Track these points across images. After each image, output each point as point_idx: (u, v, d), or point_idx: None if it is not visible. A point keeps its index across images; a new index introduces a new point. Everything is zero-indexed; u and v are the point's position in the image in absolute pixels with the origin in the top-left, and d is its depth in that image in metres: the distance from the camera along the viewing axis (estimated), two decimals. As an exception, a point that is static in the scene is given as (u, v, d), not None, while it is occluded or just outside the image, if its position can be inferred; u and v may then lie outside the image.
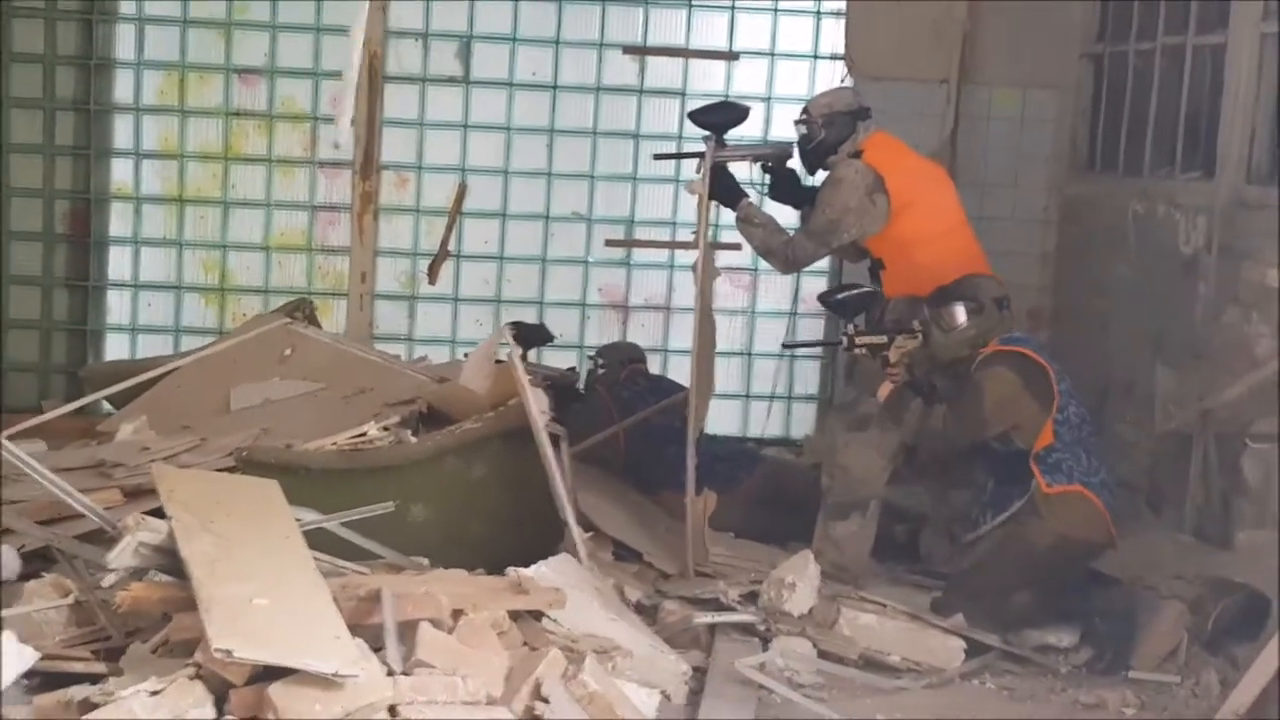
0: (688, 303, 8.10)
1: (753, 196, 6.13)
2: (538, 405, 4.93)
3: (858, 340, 5.52)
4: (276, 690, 3.48)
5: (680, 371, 7.76)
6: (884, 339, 5.49)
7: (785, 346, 7.12)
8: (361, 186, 7.80)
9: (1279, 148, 6.07)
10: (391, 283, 7.96)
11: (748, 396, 8.18)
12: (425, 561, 4.76)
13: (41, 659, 3.71)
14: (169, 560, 4.01)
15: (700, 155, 5.78)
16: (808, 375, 8.21)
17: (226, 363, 6.29)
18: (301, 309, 6.66)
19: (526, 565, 4.70)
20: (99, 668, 3.75)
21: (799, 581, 5.19)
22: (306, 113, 7.82)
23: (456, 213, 7.88)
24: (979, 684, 4.98)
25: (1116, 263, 7.31)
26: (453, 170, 7.91)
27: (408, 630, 3.94)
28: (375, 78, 7.69)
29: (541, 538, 5.27)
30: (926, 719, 4.60)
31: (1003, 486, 5.35)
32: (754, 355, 8.15)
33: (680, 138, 7.90)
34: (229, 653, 3.42)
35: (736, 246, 7.87)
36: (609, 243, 8.03)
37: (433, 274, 7.90)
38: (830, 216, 5.70)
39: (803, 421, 8.24)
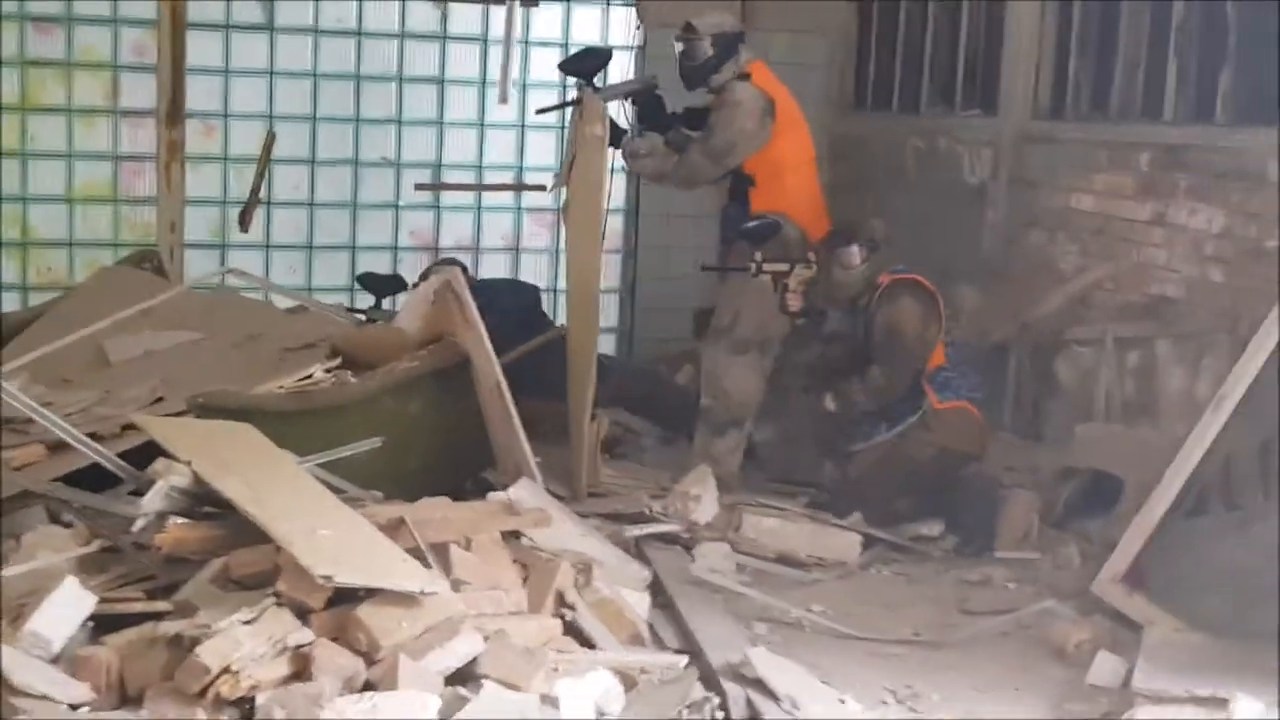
0: (496, 243, 8.45)
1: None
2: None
3: (764, 267, 5.98)
4: (365, 611, 3.65)
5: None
6: (785, 267, 5.96)
7: (704, 269, 7.43)
8: (167, 135, 7.68)
9: (1060, 85, 6.86)
10: (202, 232, 7.89)
11: (555, 329, 8.51)
12: (380, 495, 4.92)
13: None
14: (191, 502, 4.09)
15: (578, 103, 6.06)
16: (608, 308, 8.59)
17: (79, 317, 6.18)
18: (150, 260, 6.59)
19: (452, 494, 4.96)
20: (162, 606, 3.78)
21: (703, 493, 5.63)
22: (107, 61, 7.63)
23: (266, 160, 7.87)
24: (876, 572, 5.54)
25: (895, 194, 8.01)
26: (260, 118, 7.89)
27: (435, 552, 4.16)
28: (179, 25, 7.58)
29: (463, 468, 5.55)
30: (853, 604, 5.11)
31: (896, 402, 5.88)
32: (558, 292, 8.48)
33: (484, 82, 8.14)
34: (329, 578, 3.57)
35: (541, 187, 8.24)
36: (418, 187, 8.18)
37: (245, 221, 7.87)
38: (730, 139, 6.06)
39: (603, 349, 8.63)
